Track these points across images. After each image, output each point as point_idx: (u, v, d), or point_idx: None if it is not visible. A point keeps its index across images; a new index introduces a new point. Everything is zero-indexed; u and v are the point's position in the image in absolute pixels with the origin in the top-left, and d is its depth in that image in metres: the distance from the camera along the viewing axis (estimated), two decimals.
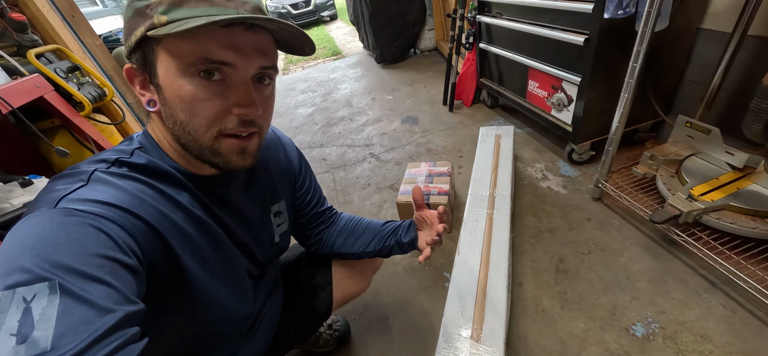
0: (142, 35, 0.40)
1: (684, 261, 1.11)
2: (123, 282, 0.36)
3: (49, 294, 0.31)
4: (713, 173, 1.18)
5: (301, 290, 0.83)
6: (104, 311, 0.32)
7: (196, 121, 0.43)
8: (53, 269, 0.32)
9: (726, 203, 1.06)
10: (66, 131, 1.51)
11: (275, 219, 0.69)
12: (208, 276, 0.52)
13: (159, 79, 0.43)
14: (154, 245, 0.43)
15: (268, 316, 0.74)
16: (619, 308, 1.03)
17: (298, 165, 0.74)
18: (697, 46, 1.40)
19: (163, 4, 0.39)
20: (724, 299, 0.99)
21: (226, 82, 0.43)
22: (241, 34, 0.42)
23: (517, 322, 1.05)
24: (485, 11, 1.99)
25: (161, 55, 0.41)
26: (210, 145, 0.45)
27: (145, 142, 0.50)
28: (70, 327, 0.30)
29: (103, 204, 0.39)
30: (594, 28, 1.25)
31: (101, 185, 0.42)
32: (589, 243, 1.24)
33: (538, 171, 1.66)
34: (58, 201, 0.38)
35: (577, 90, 1.44)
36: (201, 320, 0.54)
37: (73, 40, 1.68)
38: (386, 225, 0.79)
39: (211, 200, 0.54)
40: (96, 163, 0.45)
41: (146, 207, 0.43)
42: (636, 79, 1.06)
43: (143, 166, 0.46)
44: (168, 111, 0.44)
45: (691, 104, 1.45)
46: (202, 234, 0.51)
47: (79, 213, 0.37)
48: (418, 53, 3.93)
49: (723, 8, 1.27)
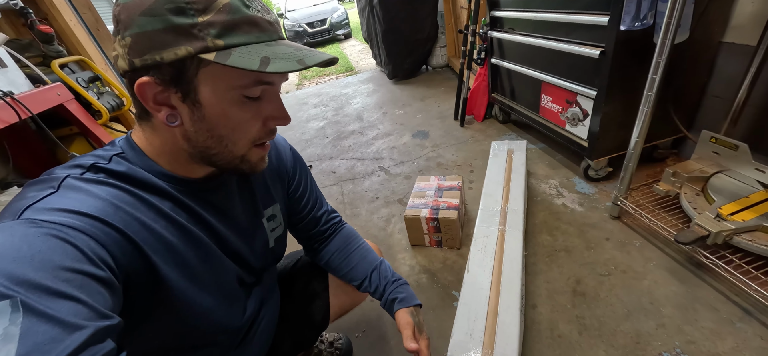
0: (187, 55, 0.39)
1: (714, 287, 1.03)
2: (93, 296, 0.33)
3: (11, 313, 0.28)
4: (743, 191, 1.10)
5: (297, 298, 0.80)
6: (72, 328, 0.30)
7: (237, 135, 0.46)
8: (14, 286, 0.30)
9: (759, 224, 0.98)
10: (83, 138, 1.55)
11: (269, 223, 0.66)
12: (193, 286, 0.49)
13: (200, 97, 0.42)
14: (130, 255, 0.41)
15: (264, 325, 0.71)
16: (644, 336, 0.95)
17: (292, 166, 0.72)
18: (719, 60, 1.35)
19: (215, 27, 0.39)
20: (760, 329, 0.91)
21: (262, 98, 0.46)
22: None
23: (530, 348, 0.98)
24: (497, 27, 1.99)
25: (208, 76, 0.41)
26: (242, 154, 0.48)
27: (126, 147, 0.47)
28: (34, 347, 0.28)
29: (72, 212, 0.37)
30: (610, 41, 1.22)
31: (72, 192, 0.39)
32: (608, 265, 1.17)
33: (552, 187, 1.60)
34: (22, 212, 0.36)
35: (593, 104, 1.39)
36: (186, 331, 0.51)
37: (96, 52, 1.74)
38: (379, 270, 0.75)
39: (200, 205, 0.51)
40: (70, 168, 0.43)
41: (121, 215, 0.41)
42: (656, 92, 1.02)
43: (122, 173, 0.44)
44: (204, 126, 0.44)
45: (715, 120, 1.38)
46: (186, 243, 0.49)
47: (44, 224, 0.35)
48: (429, 70, 3.95)
49: (746, 21, 1.23)
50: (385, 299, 0.72)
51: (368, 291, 0.75)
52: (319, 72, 5.27)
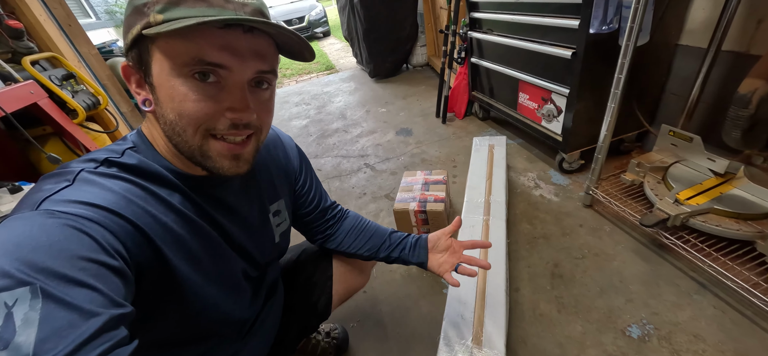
0: (137, 33, 0.40)
1: (674, 264, 1.15)
2: (108, 284, 0.35)
3: (30, 299, 0.30)
4: (697, 178, 1.23)
5: (301, 288, 0.83)
6: (88, 314, 0.31)
7: (184, 121, 0.42)
8: (35, 273, 0.31)
9: (710, 207, 1.10)
10: (58, 138, 1.49)
11: (274, 218, 0.68)
12: (201, 278, 0.50)
13: (153, 78, 0.42)
14: (142, 247, 0.42)
15: (269, 318, 0.73)
16: (615, 311, 1.05)
17: (299, 164, 0.74)
18: (676, 61, 1.49)
19: (160, 3, 0.39)
20: (714, 300, 1.03)
21: (220, 84, 0.42)
22: (239, 37, 0.41)
23: (516, 327, 1.06)
24: (476, 27, 2.07)
25: (156, 54, 0.41)
26: (199, 145, 0.44)
27: (138, 141, 0.48)
28: (52, 332, 0.29)
29: (87, 205, 0.38)
30: (581, 43, 1.32)
31: (87, 185, 0.41)
32: (582, 249, 1.27)
33: (530, 180, 1.70)
34: (40, 203, 0.37)
35: (566, 101, 1.50)
36: (194, 321, 0.53)
37: (68, 48, 1.67)
38: (393, 235, 0.81)
39: (206, 201, 0.52)
40: (84, 162, 0.44)
41: (134, 208, 0.42)
42: (621, 90, 1.12)
43: (133, 167, 0.45)
44: (160, 110, 0.43)
45: (673, 115, 1.53)
46: (194, 236, 0.50)
47: (61, 215, 0.36)
48: (410, 68, 4.02)
49: (698, 25, 1.36)
50: (410, 243, 0.79)
51: (388, 253, 0.79)
52: (299, 70, 5.22)
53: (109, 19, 4.91)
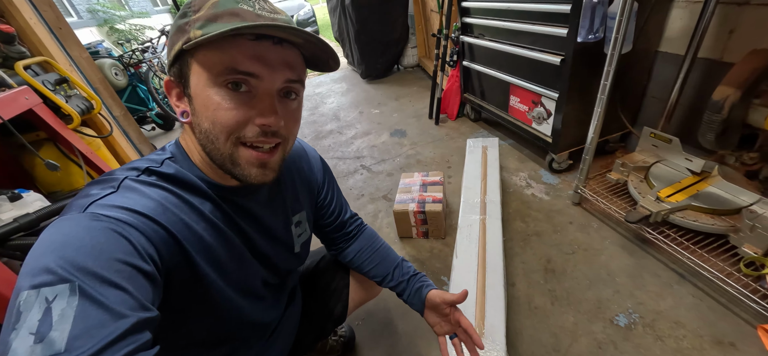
0: (179, 49, 0.44)
1: (656, 257, 1.23)
2: (139, 288, 0.37)
3: (68, 296, 0.32)
4: (676, 177, 1.32)
5: (319, 294, 0.86)
6: (118, 316, 0.33)
7: (217, 128, 0.45)
8: (75, 271, 0.33)
9: (688, 203, 1.19)
10: (52, 144, 1.47)
11: (296, 229, 0.69)
12: (226, 285, 0.53)
13: (191, 89, 0.45)
14: (173, 252, 0.45)
15: (289, 322, 0.76)
16: (603, 302, 1.12)
17: (322, 177, 0.75)
18: (656, 66, 1.58)
19: (200, 20, 0.42)
20: (692, 289, 1.11)
21: (251, 93, 0.45)
22: (269, 48, 0.44)
23: (513, 319, 1.12)
24: (468, 32, 2.14)
25: (194, 66, 0.44)
26: (229, 153, 0.46)
27: (175, 151, 0.52)
28: (84, 330, 0.31)
29: (129, 210, 0.41)
30: (569, 50, 1.39)
31: (129, 192, 0.44)
32: (572, 244, 1.35)
33: (522, 179, 1.77)
34: (87, 206, 0.40)
35: (555, 105, 1.57)
36: (221, 324, 0.56)
37: (59, 52, 1.64)
38: (397, 270, 0.79)
39: (234, 210, 0.55)
40: (127, 170, 0.47)
41: (169, 215, 0.45)
42: (607, 95, 1.19)
43: (171, 176, 0.48)
44: (196, 120, 0.46)
45: (654, 117, 1.62)
46: (221, 244, 0.52)
47: (105, 219, 0.39)
48: (401, 69, 4.07)
49: (676, 34, 1.46)
50: (411, 290, 0.76)
51: (390, 286, 0.79)
52: None
53: (91, 17, 4.76)
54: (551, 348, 1.02)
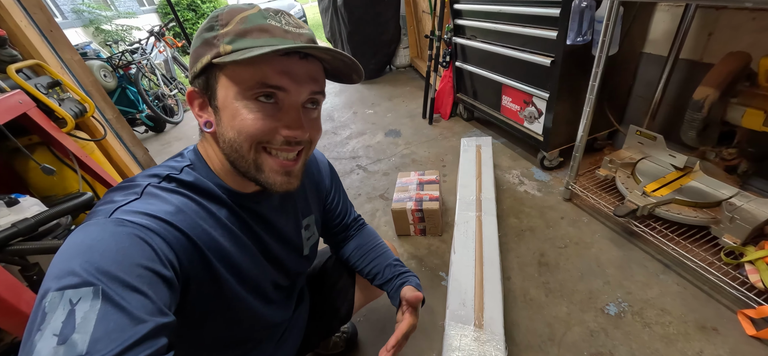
0: (207, 62, 0.45)
1: (643, 249, 1.29)
2: (158, 293, 0.38)
3: (92, 299, 0.33)
4: (661, 173, 1.39)
5: (326, 294, 0.88)
6: (137, 321, 0.34)
7: (242, 137, 0.46)
8: (99, 275, 0.34)
9: (672, 197, 1.26)
10: (45, 148, 1.45)
11: (305, 232, 0.71)
12: (242, 288, 0.55)
13: (218, 101, 0.47)
14: (193, 257, 0.46)
15: (297, 324, 0.79)
16: (594, 292, 1.17)
17: (330, 182, 0.78)
18: (641, 67, 1.65)
19: (229, 35, 0.44)
20: (677, 278, 1.17)
21: (278, 105, 0.47)
22: (296, 63, 0.46)
23: (509, 312, 1.16)
24: (461, 34, 2.18)
25: (222, 80, 0.46)
26: (254, 159, 0.48)
27: (194, 159, 0.53)
28: (105, 333, 0.32)
29: (152, 216, 0.43)
30: (559, 52, 1.45)
31: (152, 199, 0.45)
32: (564, 239, 1.40)
33: (514, 177, 1.83)
34: (113, 212, 0.41)
35: (546, 104, 1.62)
36: (237, 326, 0.58)
37: (51, 55, 1.62)
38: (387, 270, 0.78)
39: (249, 215, 0.56)
40: (149, 177, 0.48)
41: (189, 221, 0.47)
42: (595, 95, 1.24)
43: (190, 183, 0.50)
44: (222, 130, 0.48)
45: (640, 116, 1.69)
46: (237, 249, 0.54)
47: (129, 225, 0.40)
48: (394, 70, 4.10)
49: (660, 36, 1.53)
50: (393, 287, 0.75)
51: (379, 284, 0.79)
52: None
53: (76, 18, 4.65)
54: (546, 338, 1.07)
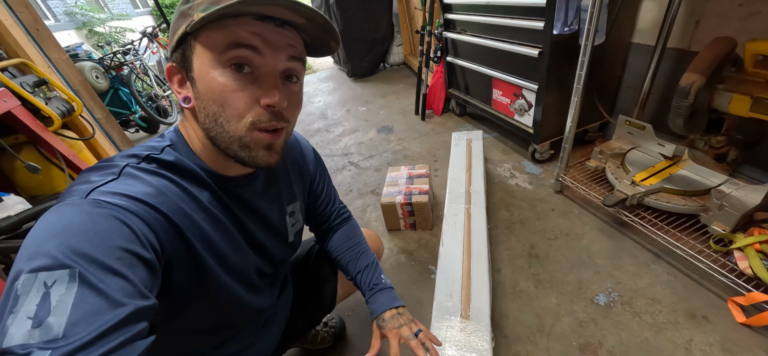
0: (182, 33, 0.44)
1: (633, 239, 1.29)
2: (138, 275, 0.37)
3: (68, 282, 0.32)
4: (650, 162, 1.38)
5: (309, 283, 0.87)
6: (116, 304, 0.33)
7: (228, 111, 0.45)
8: (76, 257, 0.33)
9: (661, 186, 1.25)
10: (32, 147, 1.44)
11: (290, 219, 0.70)
12: (224, 272, 0.54)
13: (194, 72, 0.45)
14: (174, 240, 0.45)
15: (280, 312, 0.78)
16: (584, 283, 1.17)
17: (314, 167, 0.76)
18: (630, 57, 1.65)
19: (204, 3, 0.42)
20: (667, 267, 1.17)
21: (255, 74, 0.45)
22: (272, 29, 0.44)
23: (499, 303, 1.15)
24: (451, 28, 2.18)
25: (197, 49, 0.44)
26: (241, 136, 0.46)
27: (175, 139, 0.51)
28: (82, 317, 0.31)
29: (130, 198, 0.41)
30: (546, 43, 1.44)
31: (130, 180, 0.43)
32: (554, 230, 1.39)
33: (506, 170, 1.82)
34: (89, 193, 0.39)
35: (535, 96, 1.62)
36: (219, 312, 0.57)
37: (37, 54, 1.61)
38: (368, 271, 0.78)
39: (231, 199, 0.55)
40: (128, 157, 0.46)
41: (170, 203, 0.45)
42: (583, 85, 1.24)
43: (171, 164, 0.48)
44: (201, 104, 0.46)
45: (629, 106, 1.69)
46: (219, 233, 0.52)
47: (107, 205, 0.38)
48: (387, 67, 4.10)
49: (647, 26, 1.52)
50: (368, 300, 0.75)
51: (356, 285, 0.79)
52: None
53: (69, 20, 4.64)
54: (535, 329, 1.06)
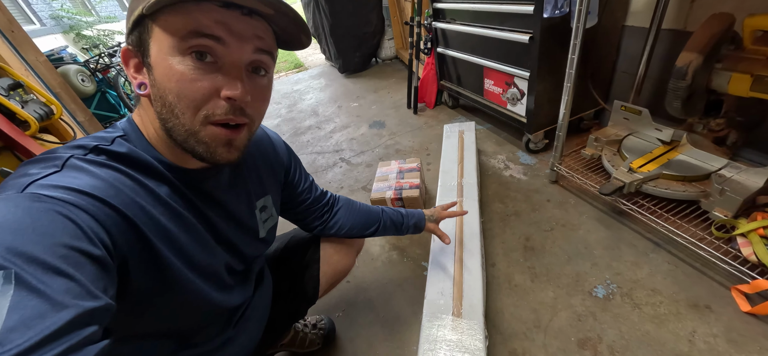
0: (138, 14, 0.40)
1: (632, 228, 1.24)
2: (87, 274, 0.33)
3: (2, 284, 0.28)
4: (647, 148, 1.34)
5: (289, 275, 0.84)
6: (60, 306, 0.29)
7: (184, 102, 0.41)
8: (11, 257, 0.29)
9: (660, 172, 1.21)
10: (9, 152, 1.39)
11: (261, 214, 0.68)
12: (189, 270, 0.50)
13: (151, 58, 0.42)
14: (129, 236, 0.41)
15: (259, 306, 0.74)
16: (582, 275, 1.12)
17: (288, 160, 0.75)
18: (624, 41, 1.60)
19: None
20: (667, 256, 1.13)
21: (217, 64, 0.42)
22: (238, 18, 0.42)
23: (494, 299, 1.11)
24: (440, 18, 2.12)
25: (155, 32, 0.41)
26: (196, 130, 0.43)
27: (128, 129, 0.47)
28: (20, 322, 0.27)
29: (75, 191, 0.37)
30: (536, 27, 1.39)
31: (75, 172, 0.39)
32: (550, 222, 1.35)
33: (500, 161, 1.77)
34: (26, 186, 0.35)
35: (528, 84, 1.57)
36: (185, 311, 0.53)
37: (13, 56, 1.55)
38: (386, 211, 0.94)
39: (195, 194, 0.52)
40: (73, 148, 0.42)
41: (122, 197, 0.41)
42: (576, 70, 1.19)
43: (123, 155, 0.44)
44: (157, 92, 0.42)
45: (625, 92, 1.64)
46: (182, 229, 0.49)
47: (48, 200, 0.35)
48: (379, 62, 4.04)
49: (641, 7, 1.47)
50: (407, 225, 0.95)
51: (385, 229, 0.92)
52: None
53: (55, 24, 4.55)
54: (532, 324, 1.02)
